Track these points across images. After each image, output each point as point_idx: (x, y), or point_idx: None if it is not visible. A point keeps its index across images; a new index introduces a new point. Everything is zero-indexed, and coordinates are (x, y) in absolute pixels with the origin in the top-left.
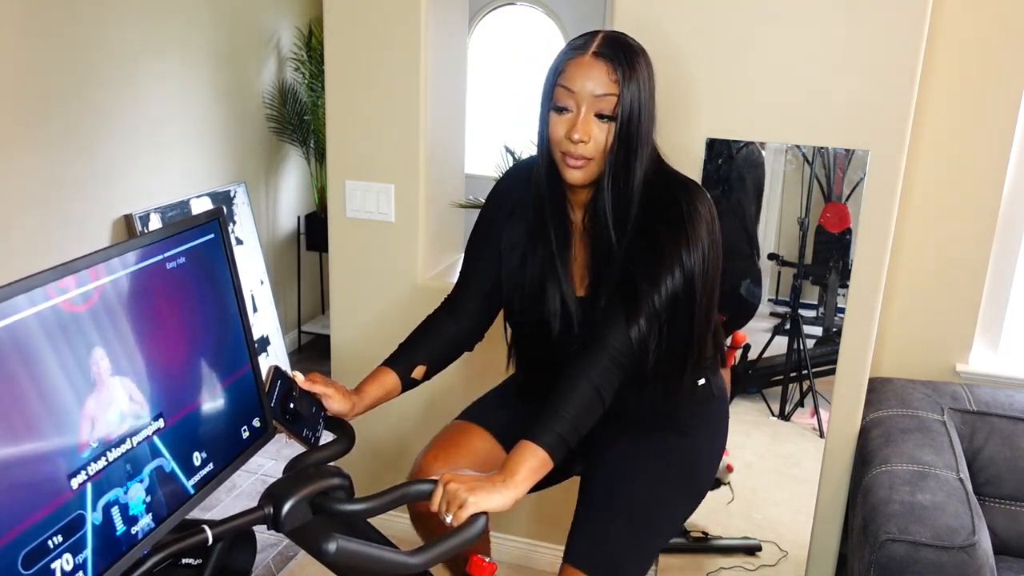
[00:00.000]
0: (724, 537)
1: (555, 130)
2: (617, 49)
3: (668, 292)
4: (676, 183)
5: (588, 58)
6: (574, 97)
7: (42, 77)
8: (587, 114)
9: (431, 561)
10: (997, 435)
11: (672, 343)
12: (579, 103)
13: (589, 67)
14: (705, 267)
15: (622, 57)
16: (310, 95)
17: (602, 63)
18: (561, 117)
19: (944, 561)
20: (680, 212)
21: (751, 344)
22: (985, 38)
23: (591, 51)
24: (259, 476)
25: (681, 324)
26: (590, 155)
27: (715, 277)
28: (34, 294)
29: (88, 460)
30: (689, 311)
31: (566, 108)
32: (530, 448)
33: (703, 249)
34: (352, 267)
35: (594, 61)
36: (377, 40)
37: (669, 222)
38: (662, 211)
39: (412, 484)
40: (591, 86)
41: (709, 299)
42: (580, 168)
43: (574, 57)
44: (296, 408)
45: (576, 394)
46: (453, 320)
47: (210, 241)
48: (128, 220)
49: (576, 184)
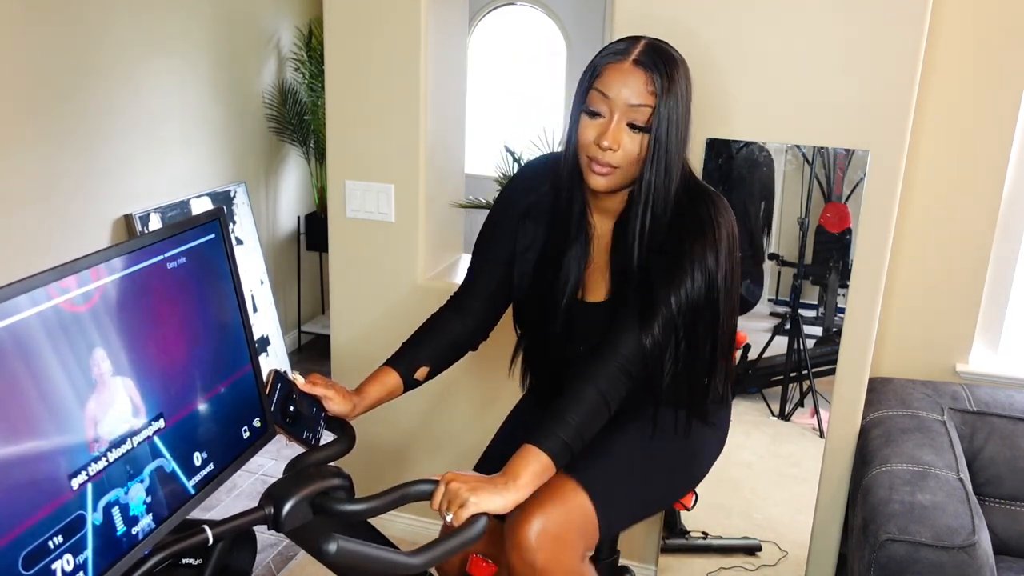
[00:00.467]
0: (724, 537)
1: (585, 133)
2: (658, 59)
3: (687, 298)
4: (702, 194)
5: (628, 65)
6: (608, 103)
7: (42, 77)
8: (619, 122)
9: (431, 561)
10: (997, 435)
11: (692, 358)
12: (613, 110)
13: (627, 74)
14: (726, 276)
15: (662, 68)
16: (310, 95)
17: (641, 72)
18: (593, 121)
19: (944, 561)
20: (701, 221)
21: (751, 344)
22: (985, 38)
23: (632, 58)
24: (259, 476)
25: (702, 337)
26: (617, 163)
27: (736, 292)
28: (35, 294)
29: (89, 460)
30: (712, 323)
31: (599, 113)
32: (534, 452)
33: (724, 256)
34: (352, 267)
35: (633, 69)
36: (377, 40)
37: (691, 231)
38: (685, 221)
39: (412, 484)
40: (627, 94)
41: (731, 314)
42: (605, 176)
43: (613, 62)
44: (296, 410)
45: (583, 401)
46: (458, 318)
47: (210, 241)
48: (128, 220)
49: (599, 190)
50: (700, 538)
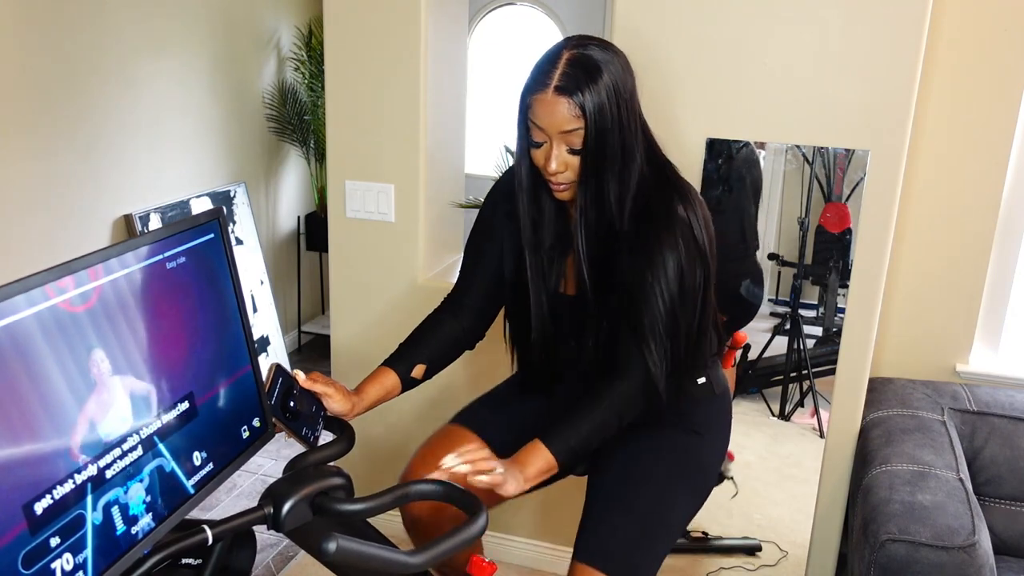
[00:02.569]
0: (724, 537)
1: (536, 158)
2: (579, 78)
3: (667, 310)
4: (667, 186)
5: (550, 96)
6: (544, 132)
7: (42, 77)
8: (559, 147)
9: (431, 561)
10: (997, 435)
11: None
12: (550, 136)
13: (551, 104)
14: (697, 273)
15: (583, 85)
16: (310, 95)
17: (563, 99)
18: (538, 150)
19: (944, 561)
20: (671, 220)
21: (751, 344)
22: (985, 38)
23: (552, 87)
24: (259, 476)
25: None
26: (571, 179)
27: (710, 279)
28: (33, 294)
29: (88, 460)
30: (689, 315)
31: (540, 142)
32: (541, 451)
33: (693, 255)
34: (352, 267)
35: (556, 99)
36: (377, 40)
37: (659, 235)
38: (652, 215)
39: (413, 484)
40: (557, 122)
41: (705, 302)
42: (565, 190)
43: (537, 93)
44: (296, 407)
45: (598, 414)
46: (454, 318)
47: (210, 241)
48: (128, 220)
49: (567, 200)
50: (700, 538)
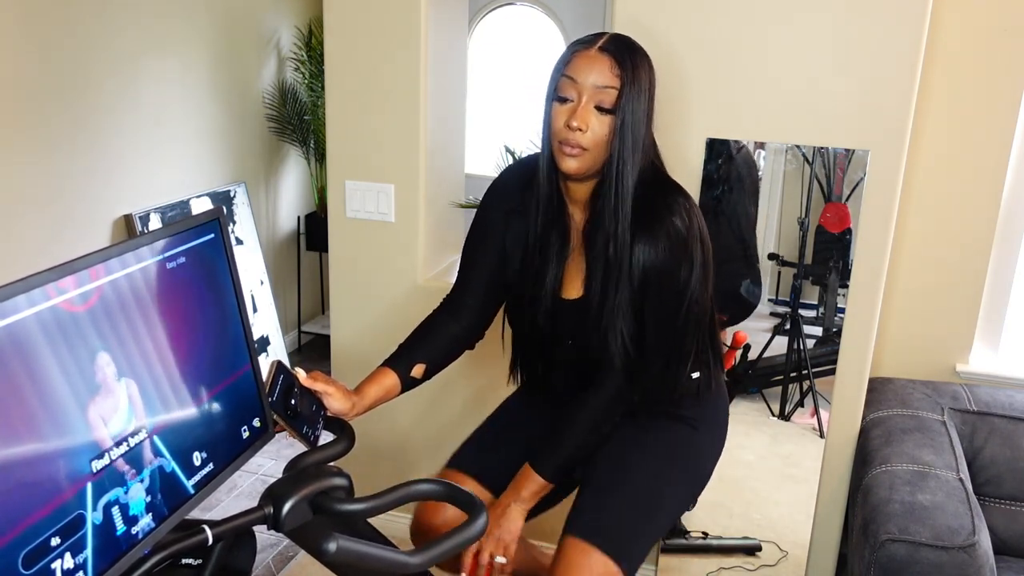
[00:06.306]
0: (724, 537)
1: (556, 119)
2: (622, 48)
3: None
4: (671, 188)
5: (594, 52)
6: (576, 87)
7: (42, 77)
8: (587, 104)
9: (431, 561)
10: (997, 435)
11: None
12: (581, 93)
13: (593, 60)
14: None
15: (626, 56)
16: (310, 95)
17: (606, 57)
18: (563, 107)
19: (944, 561)
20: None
21: (751, 344)
22: (985, 38)
23: (597, 46)
24: (259, 476)
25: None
26: (586, 145)
27: (709, 283)
28: (33, 294)
29: (88, 460)
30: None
31: (568, 98)
32: (532, 475)
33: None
34: (352, 267)
35: (599, 55)
36: (377, 40)
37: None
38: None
39: (412, 484)
40: (594, 77)
41: (701, 305)
42: (575, 157)
43: (580, 50)
44: (296, 405)
45: (579, 429)
46: (453, 319)
47: (210, 241)
48: (128, 220)
49: (570, 173)
50: (700, 538)
